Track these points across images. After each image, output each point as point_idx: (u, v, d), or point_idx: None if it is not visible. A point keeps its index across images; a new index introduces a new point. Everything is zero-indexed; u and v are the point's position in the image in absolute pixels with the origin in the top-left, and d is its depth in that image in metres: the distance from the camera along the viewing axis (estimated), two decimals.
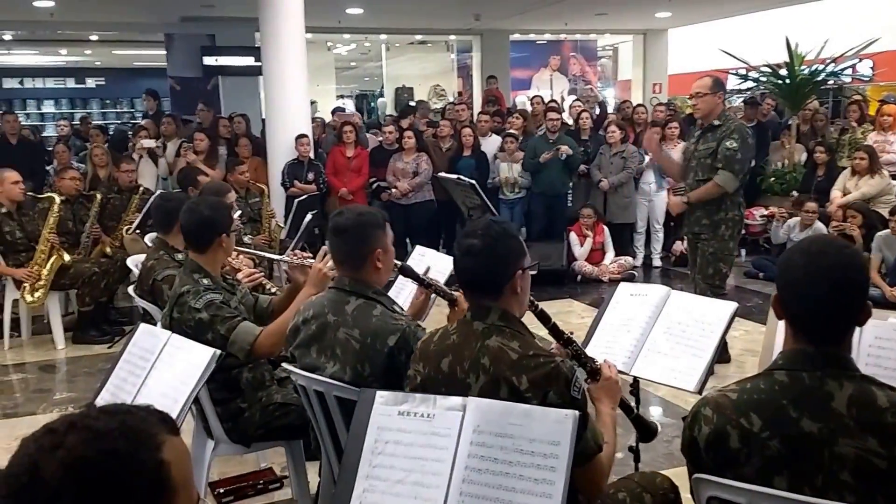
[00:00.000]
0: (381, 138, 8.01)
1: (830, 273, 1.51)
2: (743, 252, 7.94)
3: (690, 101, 4.64)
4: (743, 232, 8.03)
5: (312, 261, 2.80)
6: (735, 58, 8.40)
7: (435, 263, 3.57)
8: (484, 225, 1.88)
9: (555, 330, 2.04)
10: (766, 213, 7.80)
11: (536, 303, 2.01)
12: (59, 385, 4.78)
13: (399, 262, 2.45)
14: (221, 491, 3.17)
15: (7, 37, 12.88)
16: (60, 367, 5.11)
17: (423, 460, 1.61)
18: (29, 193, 5.54)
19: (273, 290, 3.40)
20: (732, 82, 10.18)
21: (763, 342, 2.71)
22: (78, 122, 12.12)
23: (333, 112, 10.80)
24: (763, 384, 1.54)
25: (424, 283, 2.50)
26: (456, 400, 1.66)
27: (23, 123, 11.11)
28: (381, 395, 1.72)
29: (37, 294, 5.21)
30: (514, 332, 1.83)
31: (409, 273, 2.45)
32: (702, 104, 4.36)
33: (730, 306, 2.65)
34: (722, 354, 2.50)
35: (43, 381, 4.85)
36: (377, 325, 2.13)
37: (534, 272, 1.95)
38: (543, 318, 2.03)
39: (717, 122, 4.34)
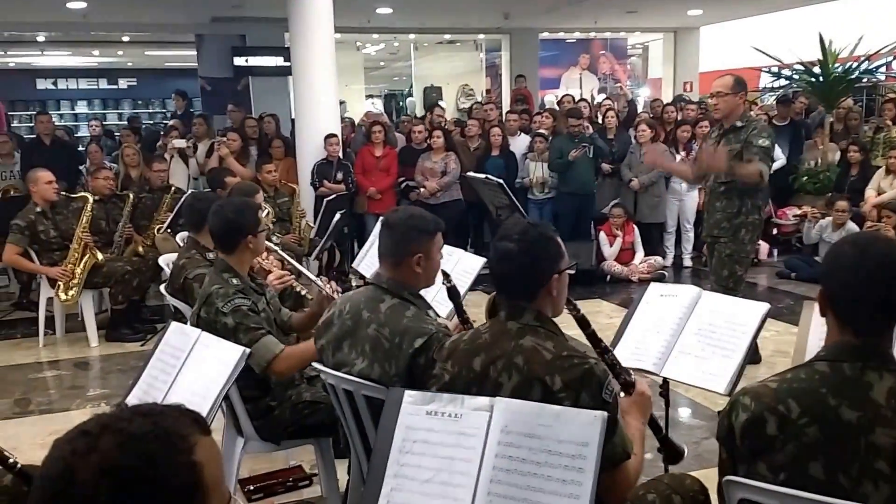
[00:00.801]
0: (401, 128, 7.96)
1: (881, 262, 1.53)
2: (775, 252, 7.84)
3: (710, 100, 4.53)
4: (775, 232, 7.99)
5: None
6: (768, 55, 8.28)
7: (462, 262, 3.58)
8: (521, 228, 1.87)
9: (593, 337, 2.04)
10: (798, 212, 7.69)
11: (578, 307, 2.00)
12: (92, 382, 4.86)
13: (451, 283, 2.46)
14: (252, 488, 3.19)
15: (41, 38, 13.12)
16: (94, 364, 5.20)
17: (451, 460, 1.62)
18: (62, 193, 5.64)
19: (303, 292, 3.41)
20: (765, 80, 10.05)
21: (795, 344, 2.67)
22: (114, 123, 12.32)
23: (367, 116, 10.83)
24: (804, 374, 1.56)
25: (463, 318, 2.48)
26: (483, 400, 1.66)
27: (56, 124, 11.35)
28: (410, 395, 1.72)
29: (70, 292, 5.30)
30: (549, 333, 1.83)
31: (455, 297, 2.47)
32: (722, 104, 4.22)
33: (762, 307, 2.61)
34: (753, 356, 2.45)
35: (77, 377, 4.93)
36: (407, 325, 2.14)
37: (572, 272, 1.94)
38: (583, 323, 2.03)
39: (739, 124, 4.21)
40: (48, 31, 12.32)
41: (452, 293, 2.47)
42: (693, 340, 2.63)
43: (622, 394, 2.01)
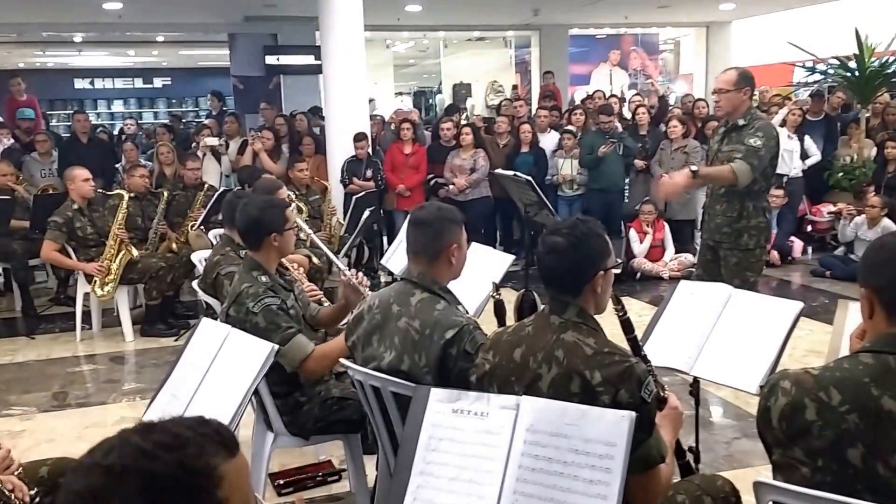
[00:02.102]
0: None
1: None
2: (810, 250, 7.71)
3: (713, 96, 4.33)
4: (809, 229, 7.86)
5: (369, 292, 2.82)
6: (802, 50, 8.14)
7: (490, 259, 3.58)
8: (571, 223, 1.90)
9: (633, 343, 2.03)
10: (833, 209, 7.55)
11: (626, 310, 2.00)
12: (127, 376, 4.95)
13: (500, 296, 2.52)
14: (281, 482, 3.23)
15: (78, 39, 13.40)
16: (129, 358, 5.29)
17: (477, 458, 1.62)
18: (99, 190, 5.76)
19: (325, 303, 3.43)
20: (799, 75, 9.88)
21: (829, 344, 2.63)
22: (149, 121, 12.52)
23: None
24: (847, 364, 1.55)
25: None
26: (510, 399, 1.66)
27: (94, 123, 11.57)
28: (436, 393, 1.72)
29: (107, 288, 5.40)
30: (591, 330, 1.85)
31: (500, 311, 2.52)
32: (724, 101, 4.00)
33: (795, 306, 2.58)
34: None
35: (112, 371, 5.03)
36: (438, 318, 2.15)
37: (617, 271, 1.96)
38: (627, 327, 2.02)
39: (742, 122, 3.96)
40: (85, 32, 12.57)
41: (499, 307, 2.52)
42: (724, 339, 2.61)
43: None
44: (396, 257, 3.96)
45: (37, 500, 1.72)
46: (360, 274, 2.99)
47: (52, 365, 5.13)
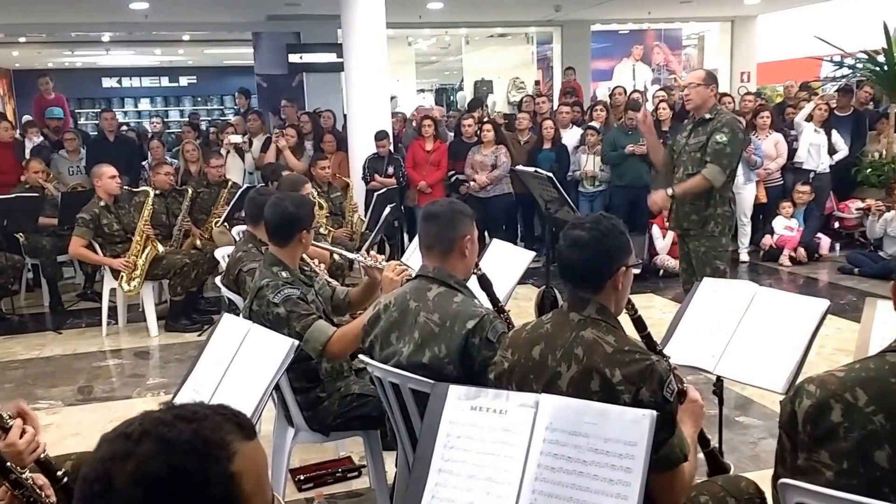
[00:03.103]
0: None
1: None
2: (837, 247, 7.60)
3: (683, 91, 4.54)
4: (837, 225, 7.74)
5: (385, 263, 2.85)
6: (829, 44, 8.01)
7: (511, 256, 3.57)
8: (593, 218, 1.88)
9: (648, 340, 2.01)
10: (861, 206, 7.43)
11: (636, 308, 1.97)
12: (152, 371, 5.01)
13: (481, 272, 2.48)
14: (302, 478, 3.25)
15: (105, 38, 13.58)
16: (153, 353, 5.36)
17: (495, 456, 1.60)
18: (125, 188, 5.83)
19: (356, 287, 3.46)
20: (826, 70, 9.72)
21: (857, 342, 2.59)
22: (175, 119, 12.65)
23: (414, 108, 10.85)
24: (873, 364, 1.53)
25: (498, 307, 2.49)
26: (529, 396, 1.64)
27: (121, 121, 11.72)
28: (454, 390, 1.71)
29: (132, 283, 5.47)
30: (610, 327, 1.82)
31: (486, 286, 2.47)
32: (694, 95, 4.29)
33: (821, 304, 2.54)
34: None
35: (137, 366, 5.09)
36: (457, 310, 2.15)
37: (637, 270, 1.93)
38: (640, 325, 1.99)
39: (708, 116, 4.26)
40: (112, 32, 12.74)
41: (484, 281, 2.48)
42: (748, 338, 2.57)
43: None
44: (417, 254, 3.95)
45: (64, 479, 1.76)
46: (373, 252, 3.01)
47: (78, 359, 5.21)
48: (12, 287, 6.17)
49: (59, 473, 1.75)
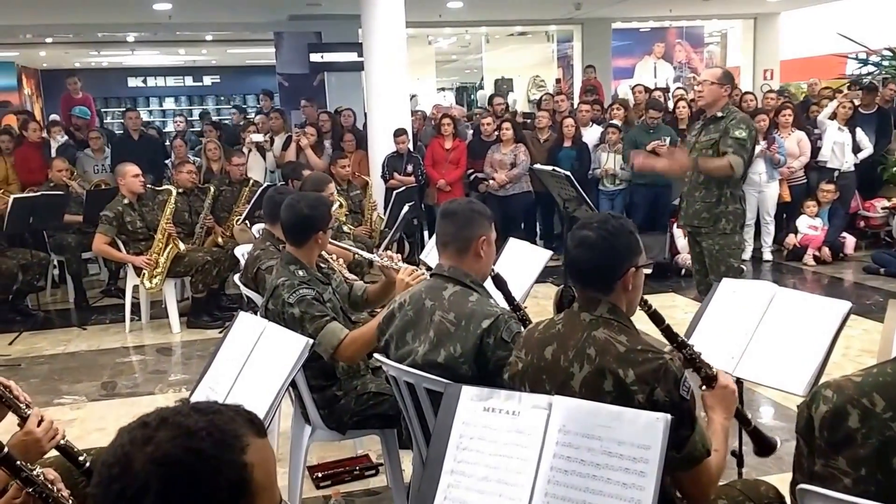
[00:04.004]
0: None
1: None
2: (862, 246, 7.49)
3: (696, 87, 4.51)
4: (862, 225, 7.62)
5: (402, 264, 2.85)
6: (854, 41, 7.89)
7: (529, 254, 3.56)
8: (601, 218, 1.86)
9: (668, 332, 1.98)
10: (888, 205, 7.32)
11: (650, 303, 1.95)
12: (174, 367, 5.07)
13: (495, 271, 2.46)
14: (319, 475, 3.27)
15: (131, 38, 13.75)
16: (175, 349, 5.42)
17: (508, 458, 1.59)
18: (148, 186, 5.89)
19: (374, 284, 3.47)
20: (851, 67, 9.57)
21: (880, 343, 2.55)
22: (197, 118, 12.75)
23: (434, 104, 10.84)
24: (890, 368, 1.50)
25: (513, 305, 2.48)
26: (542, 398, 1.63)
27: (146, 120, 11.86)
28: (467, 390, 1.70)
29: (155, 280, 5.53)
30: (623, 327, 1.80)
31: (501, 285, 2.46)
32: (707, 92, 4.31)
33: (843, 306, 2.49)
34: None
35: (159, 362, 5.15)
36: (473, 309, 2.15)
37: (648, 271, 1.90)
38: (657, 319, 1.97)
39: (719, 114, 4.27)
40: (137, 32, 12.89)
41: (498, 281, 2.47)
42: (769, 339, 2.54)
43: (704, 388, 1.95)
44: (435, 252, 3.96)
45: (86, 465, 1.80)
46: (390, 252, 3.01)
47: (102, 355, 5.28)
48: (38, 283, 6.28)
49: (81, 459, 1.79)
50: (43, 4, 9.48)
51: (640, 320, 1.91)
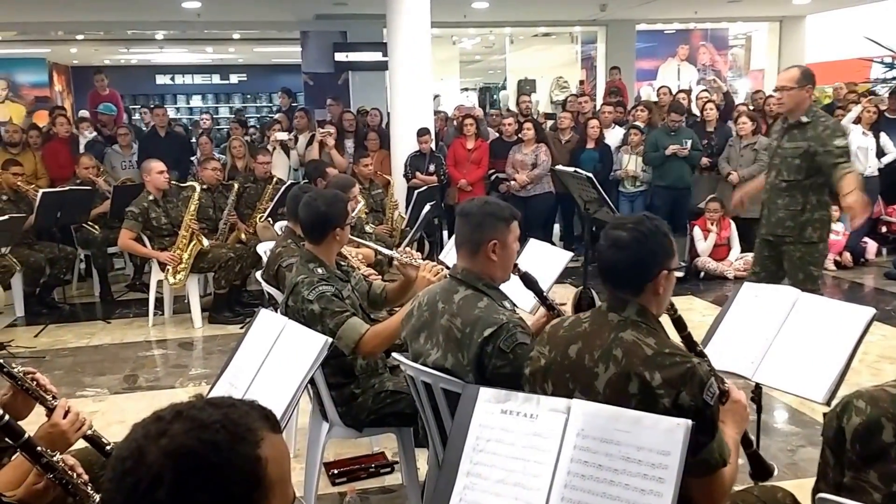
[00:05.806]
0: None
1: None
2: (884, 251, 7.39)
3: (775, 93, 4.34)
4: (884, 230, 7.51)
5: (422, 262, 2.87)
6: (880, 45, 7.78)
7: (549, 255, 3.56)
8: (636, 219, 1.83)
9: (689, 340, 1.96)
10: None
11: (676, 309, 1.93)
12: (195, 361, 5.13)
13: (522, 270, 2.42)
14: (336, 472, 3.30)
15: (159, 36, 13.92)
16: (197, 344, 5.48)
17: (525, 461, 1.58)
18: (173, 182, 5.96)
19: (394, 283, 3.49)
20: (877, 71, 9.44)
21: None
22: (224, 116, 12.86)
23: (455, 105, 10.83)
24: None
25: (547, 303, 2.45)
26: (560, 401, 1.61)
27: (173, 117, 11.99)
28: (485, 392, 1.69)
29: (178, 276, 5.60)
30: (651, 329, 1.77)
31: (530, 284, 2.44)
32: (787, 98, 4.01)
33: (866, 312, 2.46)
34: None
35: (181, 357, 5.21)
36: (479, 315, 2.13)
37: (680, 274, 1.88)
38: (679, 325, 1.95)
39: (805, 119, 3.98)
40: (166, 30, 13.05)
41: (527, 280, 2.43)
42: (789, 345, 2.51)
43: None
44: (454, 252, 3.98)
45: (108, 446, 1.83)
46: (410, 250, 3.02)
47: (125, 349, 5.35)
48: (65, 277, 6.39)
49: (108, 448, 1.82)
50: (75, 2, 9.63)
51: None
